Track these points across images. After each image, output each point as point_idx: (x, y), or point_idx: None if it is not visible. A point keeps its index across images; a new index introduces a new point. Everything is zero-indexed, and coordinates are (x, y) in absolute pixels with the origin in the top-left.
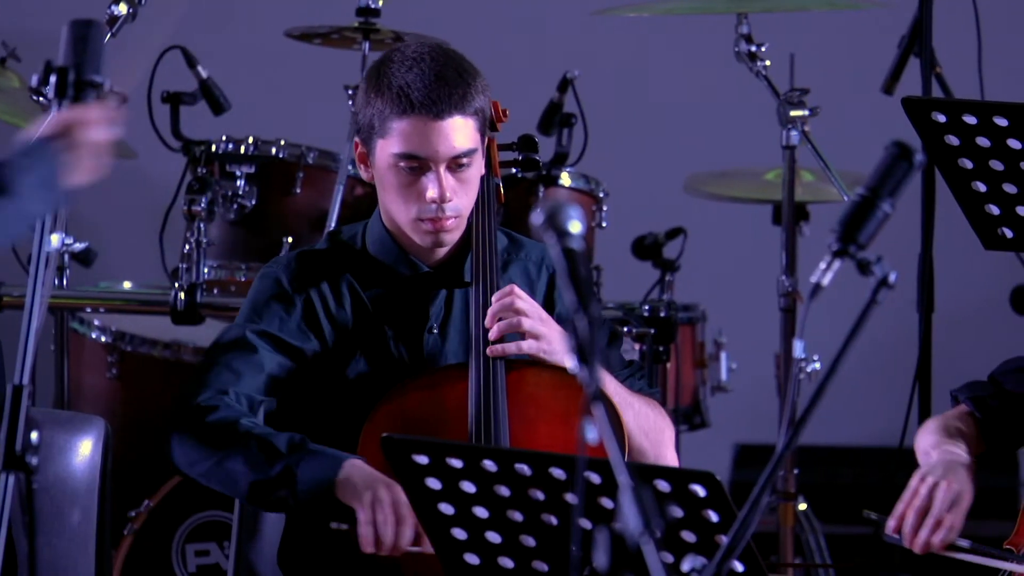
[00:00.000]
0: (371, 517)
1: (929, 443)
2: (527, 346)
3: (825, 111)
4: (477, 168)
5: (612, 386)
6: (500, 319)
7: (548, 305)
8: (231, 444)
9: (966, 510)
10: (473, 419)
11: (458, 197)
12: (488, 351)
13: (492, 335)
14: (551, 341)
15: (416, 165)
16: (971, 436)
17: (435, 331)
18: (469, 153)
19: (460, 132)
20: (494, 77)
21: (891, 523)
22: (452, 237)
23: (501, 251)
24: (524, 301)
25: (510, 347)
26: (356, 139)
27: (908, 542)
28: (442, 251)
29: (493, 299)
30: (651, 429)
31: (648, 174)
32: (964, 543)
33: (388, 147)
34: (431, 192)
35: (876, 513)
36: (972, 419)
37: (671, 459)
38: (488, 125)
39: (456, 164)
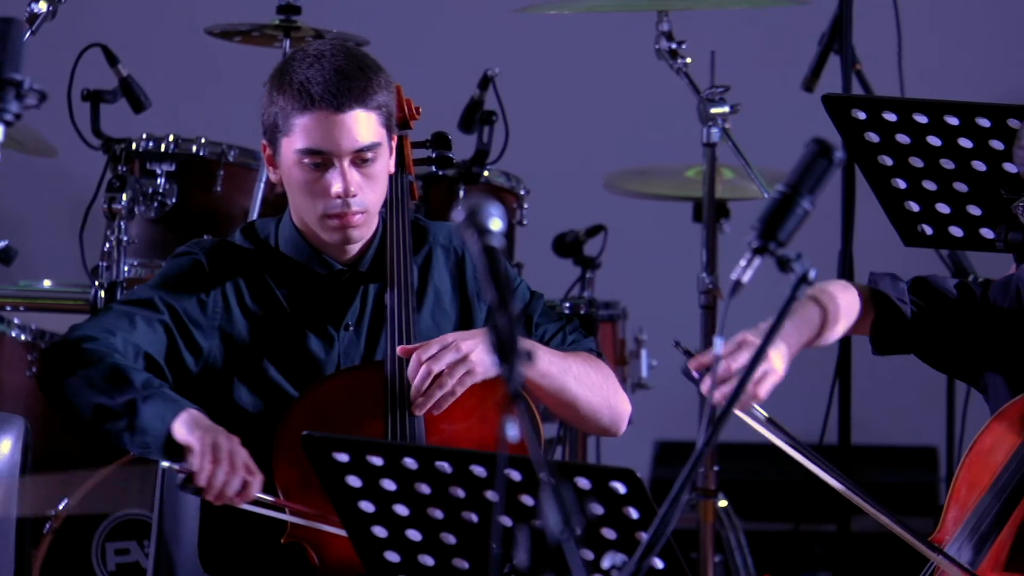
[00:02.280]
0: (206, 460)
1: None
2: (460, 390)
3: (746, 108)
4: (383, 163)
5: (548, 357)
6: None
7: (460, 285)
8: (91, 365)
9: (771, 387)
10: (388, 417)
11: (364, 192)
12: (433, 412)
13: (420, 406)
14: (478, 364)
15: (320, 160)
16: (851, 315)
17: (350, 328)
18: (373, 147)
19: (362, 126)
20: (415, 75)
21: (695, 362)
22: (360, 233)
23: (426, 240)
24: (437, 360)
25: (445, 402)
26: (263, 141)
27: (707, 389)
28: (355, 249)
29: (409, 373)
30: (596, 384)
31: (569, 171)
32: (761, 414)
33: (292, 144)
34: (336, 187)
35: (685, 346)
36: (871, 305)
37: (624, 403)
38: (394, 121)
39: (360, 158)
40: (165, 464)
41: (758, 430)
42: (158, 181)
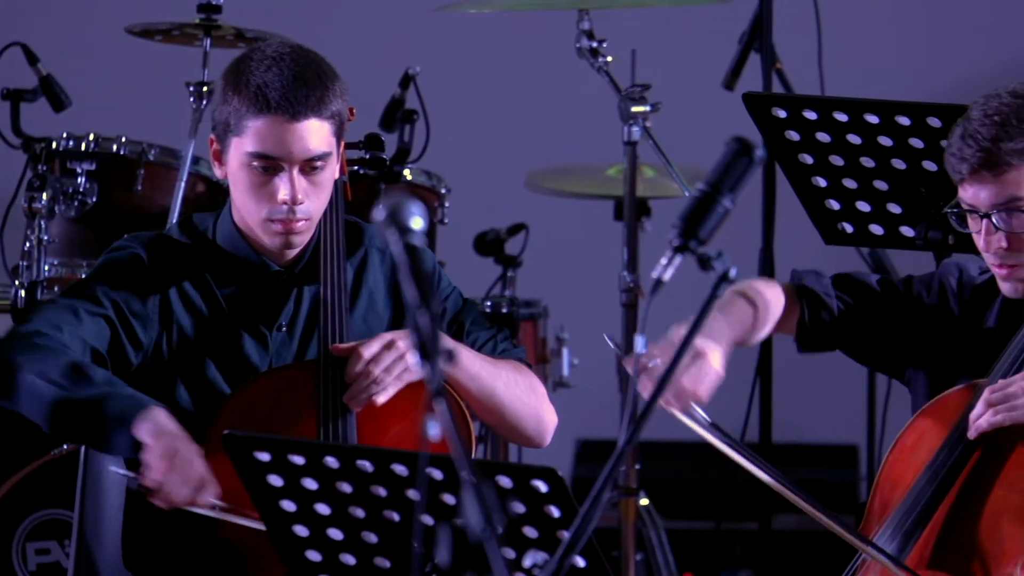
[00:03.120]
0: (160, 465)
1: (721, 301)
2: (395, 388)
3: (666, 107)
4: (331, 172)
5: (476, 362)
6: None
7: (394, 288)
8: (47, 360)
9: (713, 387)
10: (321, 416)
11: (310, 200)
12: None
13: (359, 403)
14: (415, 362)
15: (269, 165)
16: (775, 313)
17: (283, 329)
18: (323, 156)
19: (315, 135)
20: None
21: (632, 360)
22: (301, 239)
23: (362, 241)
24: (377, 361)
25: (382, 397)
26: (212, 136)
27: (644, 387)
28: (293, 251)
29: (348, 369)
30: (524, 392)
31: (490, 170)
32: (704, 417)
33: (243, 146)
34: (283, 194)
35: (618, 343)
36: (796, 303)
37: (550, 414)
38: (345, 128)
39: (309, 167)
40: (113, 468)
41: (698, 431)
42: (78, 180)
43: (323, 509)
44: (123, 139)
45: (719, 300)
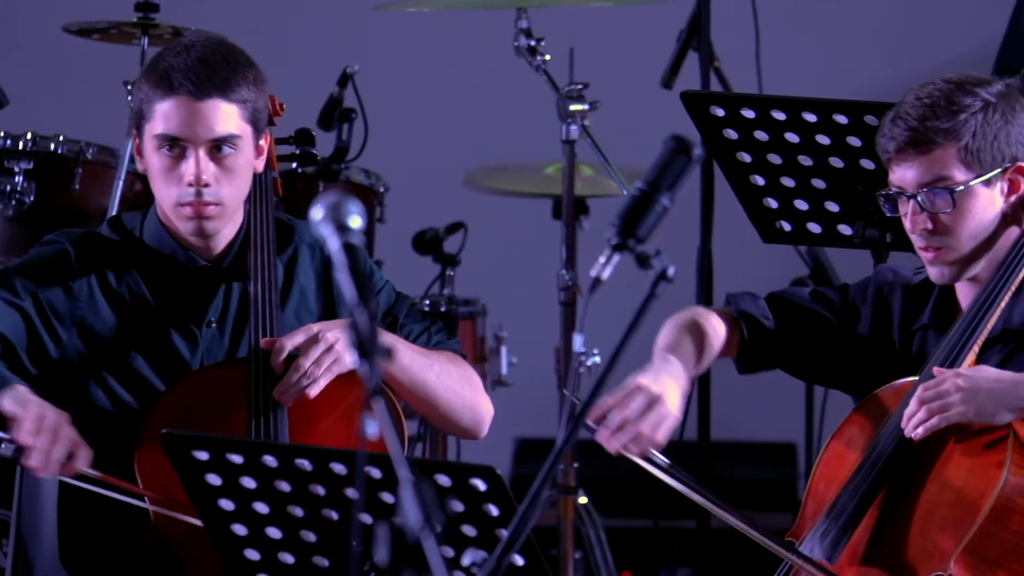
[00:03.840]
0: (30, 428)
1: (667, 339)
2: (326, 380)
3: (605, 105)
4: (243, 158)
5: (410, 354)
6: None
7: (325, 284)
8: None
9: (670, 430)
10: (252, 414)
11: (219, 184)
12: (305, 396)
13: (288, 397)
14: (344, 353)
15: (176, 146)
16: (719, 340)
17: (213, 325)
18: (230, 139)
19: (221, 116)
20: (275, 71)
21: (594, 413)
22: (214, 225)
23: (292, 238)
24: (304, 353)
25: (314, 390)
26: (134, 131)
27: (605, 438)
28: (220, 245)
29: (273, 363)
30: (456, 383)
31: (429, 169)
32: (662, 460)
33: (152, 130)
34: (189, 175)
35: (579, 397)
36: (734, 329)
37: (486, 405)
38: (262, 119)
39: (216, 148)
40: None
41: (657, 475)
42: (16, 179)
43: (261, 508)
44: (61, 138)
45: (667, 339)
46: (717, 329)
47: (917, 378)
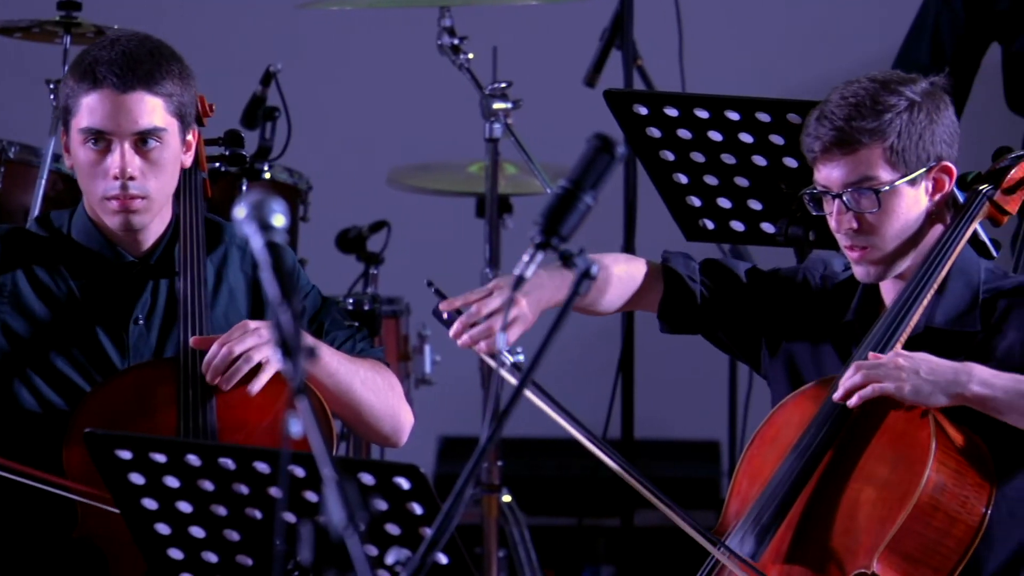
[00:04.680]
0: None
1: (550, 271)
2: (271, 369)
3: (528, 104)
4: (169, 152)
5: (335, 359)
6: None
7: (254, 286)
8: None
9: (519, 333)
10: (180, 413)
11: (145, 178)
12: (248, 392)
13: (222, 381)
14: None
15: (101, 140)
16: (633, 286)
17: (140, 322)
18: (155, 132)
19: (145, 109)
20: (198, 70)
21: (444, 304)
22: (141, 219)
23: (222, 239)
24: (239, 341)
25: (257, 383)
26: (62, 128)
27: (455, 332)
28: (148, 241)
29: (207, 361)
30: (380, 390)
31: (352, 167)
32: (508, 359)
33: (77, 124)
34: (114, 168)
35: (437, 287)
36: (658, 278)
37: (407, 414)
38: (189, 114)
39: (141, 142)
40: None
41: (504, 376)
42: None
43: (185, 507)
44: None
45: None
46: (629, 275)
47: (839, 376)
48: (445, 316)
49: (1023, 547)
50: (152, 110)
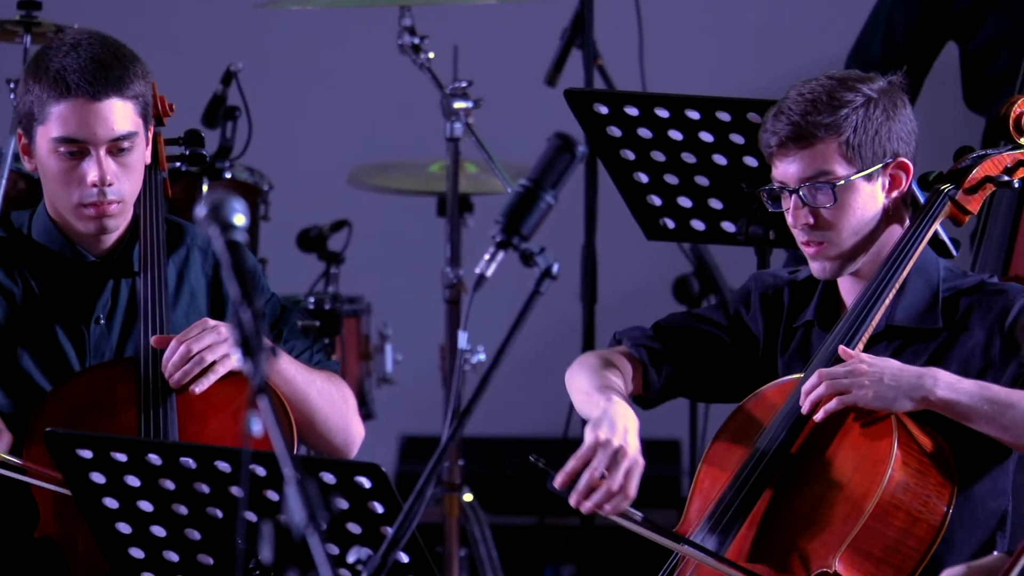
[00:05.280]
0: None
1: (587, 384)
2: (221, 370)
3: (488, 103)
4: (139, 153)
5: (293, 366)
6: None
7: (215, 288)
8: None
9: (639, 478)
10: (141, 413)
11: (120, 182)
12: (192, 392)
13: (176, 382)
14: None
15: (76, 149)
16: (626, 377)
17: (101, 322)
18: (129, 136)
19: (119, 114)
20: (158, 70)
21: (560, 479)
22: (115, 223)
23: (183, 240)
24: (198, 339)
25: (204, 383)
26: (19, 130)
27: (576, 503)
28: (109, 241)
29: (166, 358)
30: (335, 401)
31: (313, 166)
32: (637, 515)
33: (48, 132)
34: (92, 176)
35: (544, 461)
36: (630, 360)
37: (359, 427)
38: (151, 112)
39: (116, 148)
40: None
41: (634, 530)
42: None
43: (146, 506)
44: None
45: (592, 380)
46: (624, 364)
47: (802, 376)
48: (561, 492)
49: (984, 548)
50: (125, 115)
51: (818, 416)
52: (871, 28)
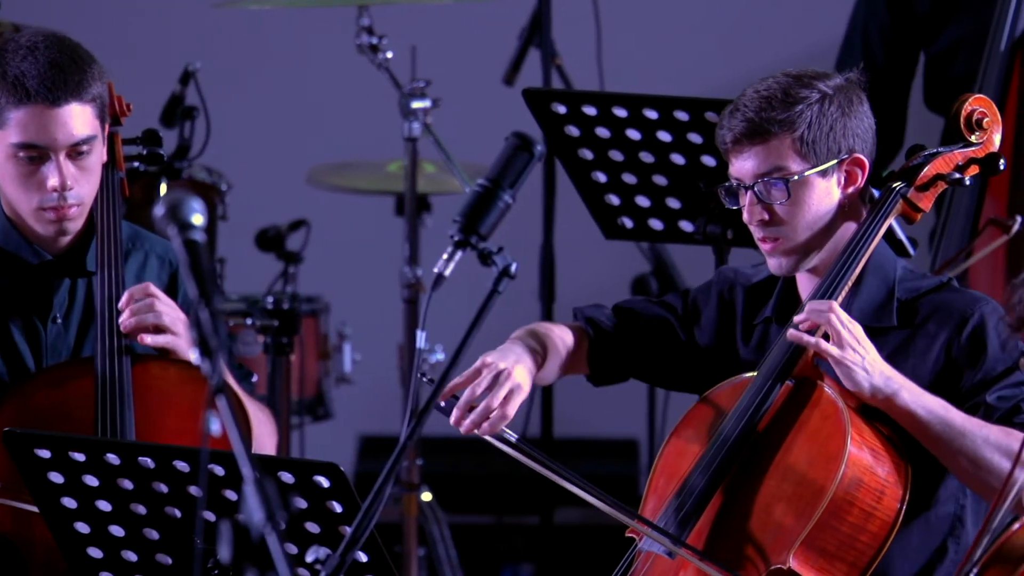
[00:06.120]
0: None
1: (518, 332)
2: (164, 340)
3: (447, 103)
4: (98, 155)
5: (232, 383)
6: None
7: (171, 296)
8: None
9: (519, 404)
10: (98, 413)
11: (79, 185)
12: (121, 326)
13: (124, 319)
14: (184, 336)
15: (35, 154)
16: (563, 346)
17: (58, 321)
18: (88, 140)
19: (78, 119)
20: (116, 70)
21: (444, 391)
22: (75, 225)
23: (125, 241)
24: (161, 301)
25: (145, 338)
26: None
27: (455, 420)
28: (66, 240)
29: (126, 297)
30: (262, 425)
31: (271, 166)
32: (511, 436)
33: (6, 137)
34: (52, 181)
35: (430, 377)
36: (581, 334)
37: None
38: (108, 113)
39: (76, 152)
40: None
41: (509, 453)
42: None
43: (104, 506)
44: None
45: (523, 333)
46: (564, 336)
47: (756, 373)
48: (443, 404)
49: (936, 553)
50: (84, 119)
51: (791, 335)
52: (849, 44)
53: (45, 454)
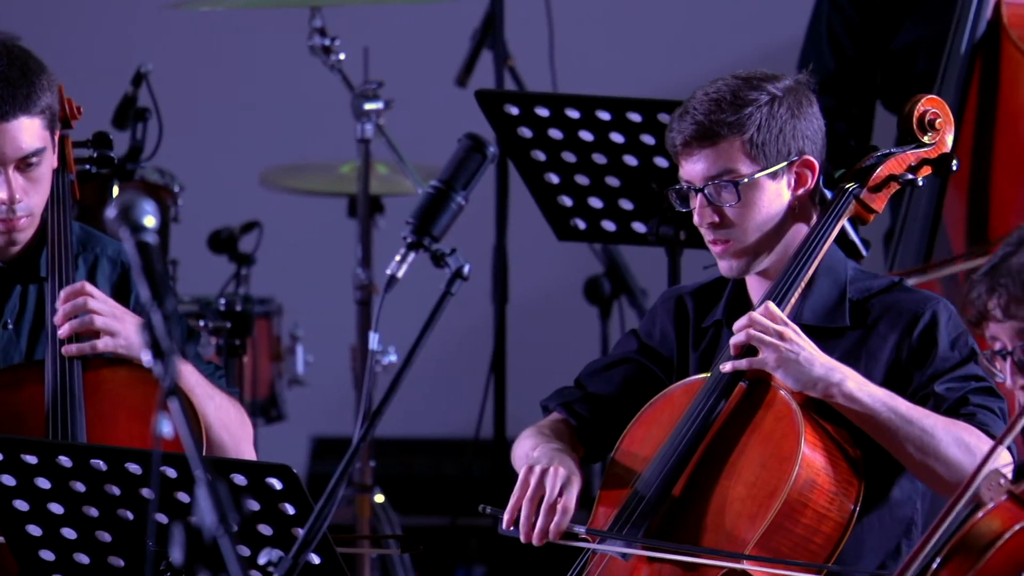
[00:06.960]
0: None
1: (528, 447)
2: (102, 344)
3: (399, 104)
4: (47, 165)
5: (195, 377)
6: (73, 318)
7: (122, 301)
8: None
9: (578, 494)
10: (49, 417)
11: (29, 196)
12: (63, 351)
13: (63, 334)
14: (127, 337)
15: None
16: (568, 439)
17: (9, 327)
18: (38, 152)
19: (27, 132)
20: (68, 71)
21: (506, 517)
22: (25, 236)
23: (75, 244)
24: (96, 299)
25: (84, 347)
26: None
27: (525, 535)
28: (16, 248)
29: (61, 298)
30: (231, 423)
31: (224, 168)
32: (580, 529)
33: None
34: (1, 195)
35: (492, 507)
36: (566, 425)
37: (249, 454)
38: (57, 119)
39: (25, 164)
40: None
41: (591, 546)
42: None
43: (56, 508)
44: None
45: (538, 437)
46: (562, 431)
47: (708, 375)
48: (512, 529)
49: (891, 555)
50: (33, 133)
51: (726, 368)
52: (814, 42)
53: None
